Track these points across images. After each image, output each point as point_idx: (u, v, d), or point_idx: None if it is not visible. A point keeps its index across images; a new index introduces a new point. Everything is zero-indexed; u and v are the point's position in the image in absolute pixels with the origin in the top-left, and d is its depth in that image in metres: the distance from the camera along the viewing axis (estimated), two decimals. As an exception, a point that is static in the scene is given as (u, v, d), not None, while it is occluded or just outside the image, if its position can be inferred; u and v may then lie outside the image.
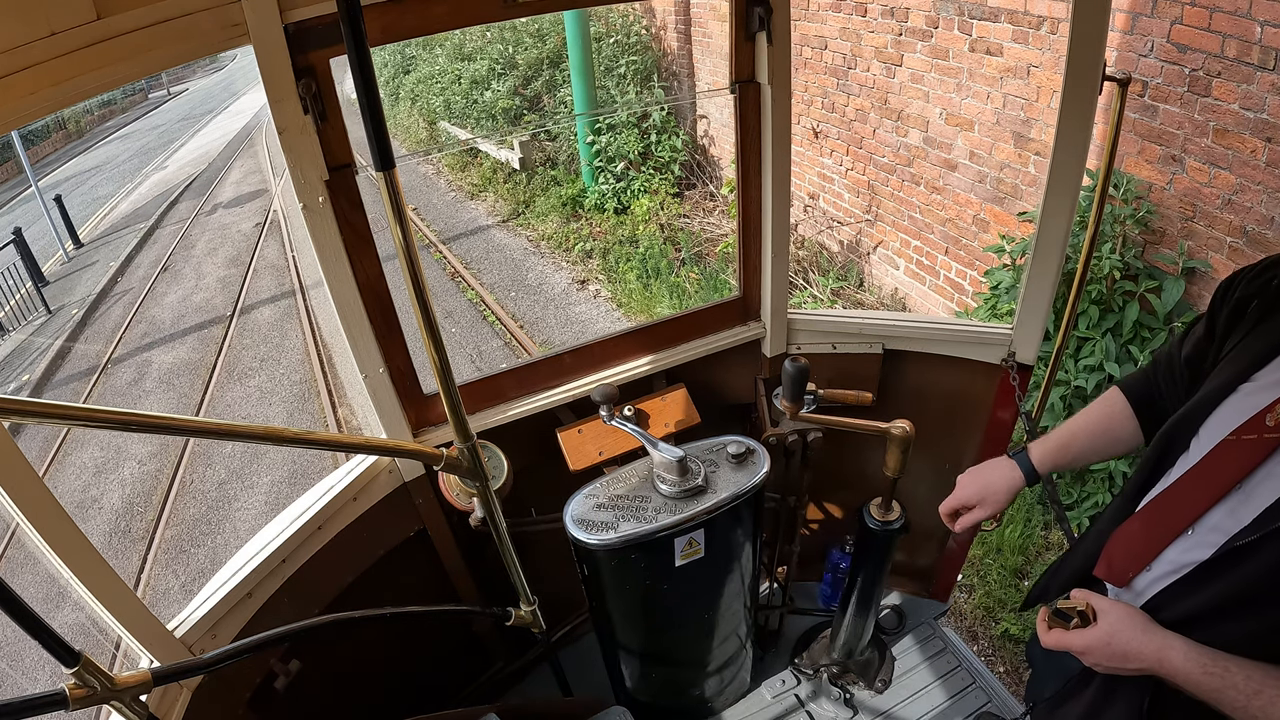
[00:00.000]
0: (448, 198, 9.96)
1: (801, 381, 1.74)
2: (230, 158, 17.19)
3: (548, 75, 9.25)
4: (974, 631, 3.15)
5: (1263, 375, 0.97)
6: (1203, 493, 0.99)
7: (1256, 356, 0.99)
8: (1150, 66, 3.22)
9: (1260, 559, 0.90)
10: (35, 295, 10.05)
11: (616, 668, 2.05)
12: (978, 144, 4.35)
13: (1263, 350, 0.99)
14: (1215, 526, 0.97)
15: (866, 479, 2.21)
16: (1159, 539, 1.04)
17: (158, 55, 1.15)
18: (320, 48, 1.33)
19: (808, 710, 2.27)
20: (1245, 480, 0.94)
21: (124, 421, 0.81)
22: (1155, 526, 1.06)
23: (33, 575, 4.73)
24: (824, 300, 5.74)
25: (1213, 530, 0.97)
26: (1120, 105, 1.51)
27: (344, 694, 1.90)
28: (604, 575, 1.74)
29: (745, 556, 1.86)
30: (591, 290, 6.82)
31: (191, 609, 1.46)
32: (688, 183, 7.84)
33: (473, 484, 1.23)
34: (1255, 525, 0.91)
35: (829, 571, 2.51)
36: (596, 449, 1.88)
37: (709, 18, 7.28)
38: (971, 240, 4.61)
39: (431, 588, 2.04)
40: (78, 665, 0.86)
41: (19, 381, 7.70)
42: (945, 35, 4.34)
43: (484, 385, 1.88)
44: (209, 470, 5.58)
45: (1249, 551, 0.91)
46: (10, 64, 0.98)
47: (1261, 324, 1.01)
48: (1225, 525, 0.95)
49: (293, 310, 8.06)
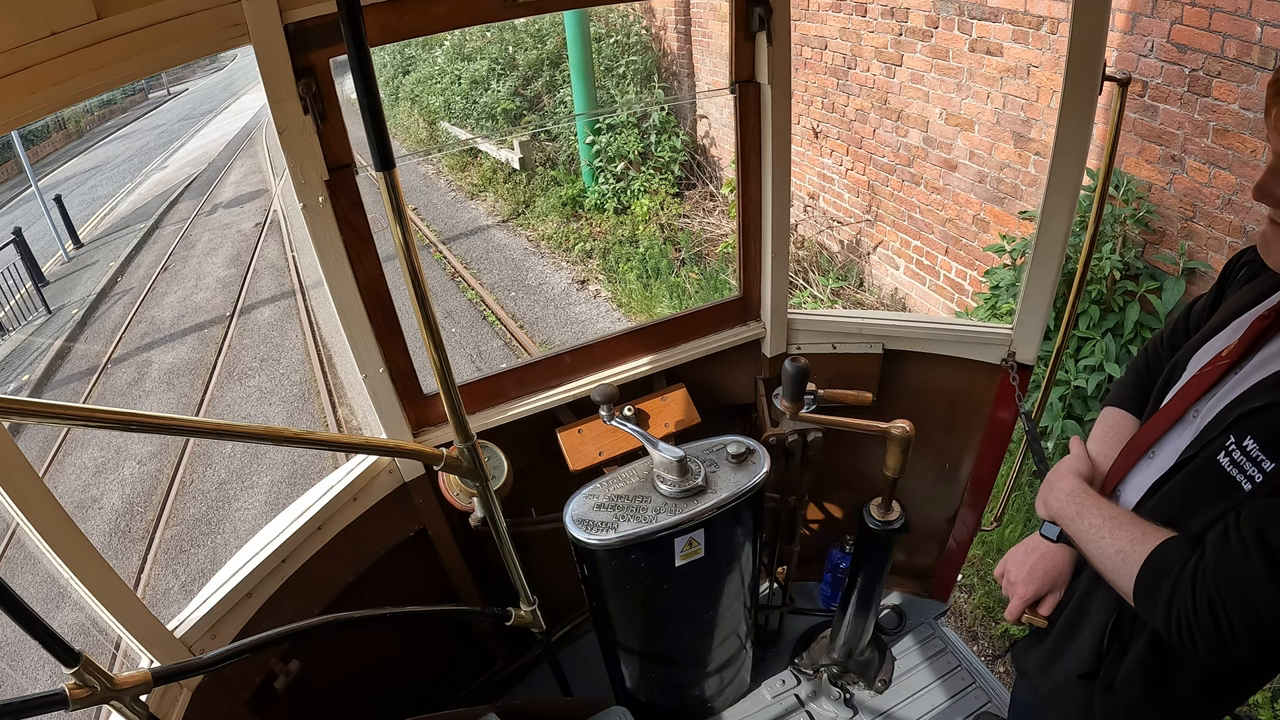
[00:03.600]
0: (448, 198, 9.96)
1: (801, 381, 1.74)
2: (230, 158, 17.19)
3: (548, 75, 9.25)
4: (974, 631, 3.15)
5: (1236, 324, 1.08)
6: (1164, 418, 1.10)
7: (1234, 309, 1.10)
8: (1150, 66, 3.22)
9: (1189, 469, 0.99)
10: (35, 295, 10.05)
11: (616, 668, 2.05)
12: (978, 144, 4.36)
13: (1240, 305, 1.09)
14: (1171, 447, 1.06)
15: (866, 479, 2.21)
16: (1126, 463, 1.14)
17: (158, 55, 1.15)
18: (320, 48, 1.33)
19: (808, 710, 2.27)
20: (1197, 402, 1.04)
21: (124, 421, 0.81)
22: (1127, 452, 1.16)
23: (33, 575, 4.73)
24: (824, 300, 5.74)
25: (1168, 452, 1.06)
26: (1120, 105, 1.51)
27: (344, 694, 1.90)
28: (604, 575, 1.74)
29: (745, 556, 1.86)
30: (591, 290, 6.82)
31: (191, 609, 1.46)
32: (688, 183, 7.84)
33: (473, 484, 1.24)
34: (1193, 444, 0.99)
35: (829, 571, 2.51)
36: (596, 449, 1.88)
37: (709, 18, 7.28)
38: (971, 240, 4.61)
39: (431, 588, 2.04)
40: (78, 665, 0.86)
41: (19, 381, 7.70)
42: (945, 35, 4.34)
43: (484, 385, 1.88)
44: (209, 470, 5.58)
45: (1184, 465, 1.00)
46: (10, 64, 0.98)
47: (1248, 284, 1.12)
48: (1177, 445, 1.04)
49: (293, 310, 8.06)
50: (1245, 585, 0.83)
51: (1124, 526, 1.00)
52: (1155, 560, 0.93)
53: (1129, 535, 0.98)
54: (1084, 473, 1.17)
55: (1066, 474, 1.16)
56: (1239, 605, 0.84)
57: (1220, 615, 0.85)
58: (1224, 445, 0.93)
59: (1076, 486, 1.12)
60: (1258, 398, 0.92)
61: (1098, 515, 1.04)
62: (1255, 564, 0.82)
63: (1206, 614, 0.86)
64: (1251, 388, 0.95)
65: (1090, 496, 1.10)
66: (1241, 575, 0.83)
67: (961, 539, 2.36)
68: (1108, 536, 1.01)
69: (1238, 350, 1.01)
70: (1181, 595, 0.88)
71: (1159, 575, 0.92)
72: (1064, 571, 1.23)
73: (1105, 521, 1.03)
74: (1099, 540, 1.02)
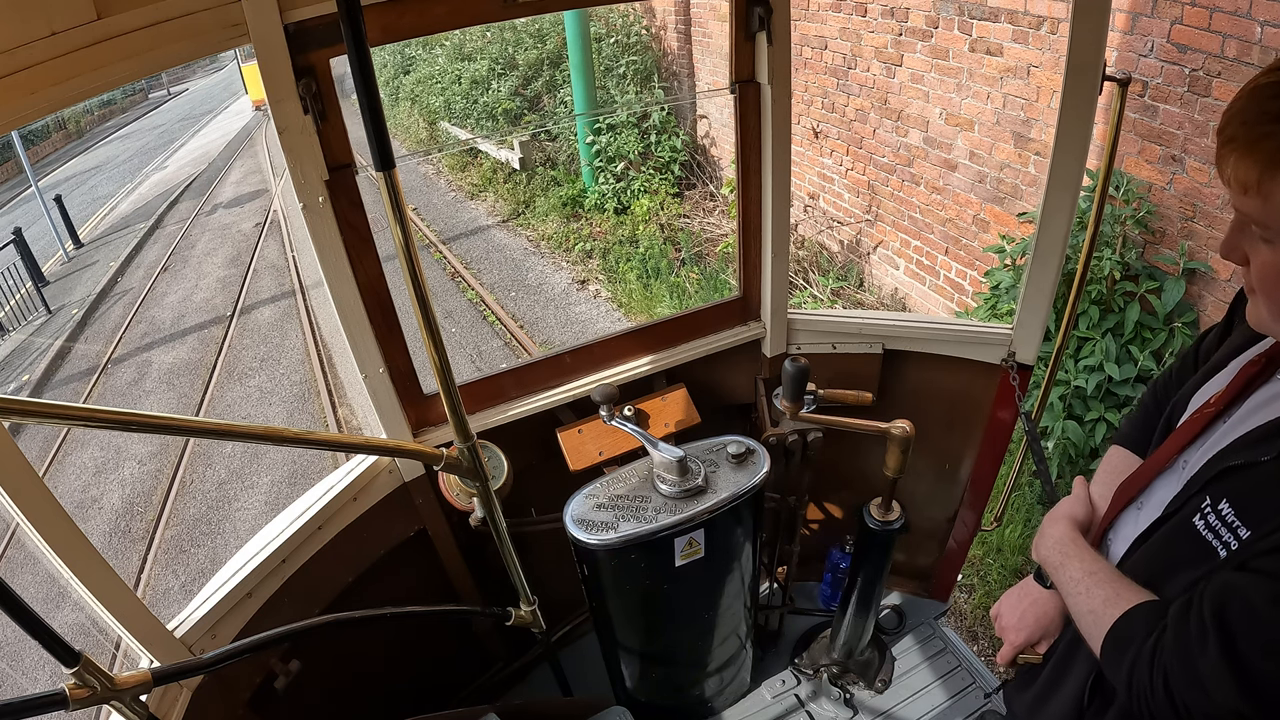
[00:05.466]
0: (448, 198, 9.96)
1: (801, 381, 1.74)
2: (230, 158, 17.19)
3: (548, 75, 9.25)
4: (974, 631, 3.15)
5: (1234, 363, 1.01)
6: (1152, 466, 1.05)
7: (1234, 348, 1.04)
8: (1150, 66, 3.22)
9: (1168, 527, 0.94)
10: (35, 295, 10.05)
11: (616, 668, 2.05)
12: (978, 144, 4.36)
13: (1241, 342, 1.03)
14: (1158, 499, 1.01)
15: (866, 479, 2.21)
16: (1114, 509, 1.10)
17: (158, 55, 1.15)
18: (320, 48, 1.33)
19: (808, 710, 2.27)
20: (1185, 450, 0.99)
21: (124, 421, 0.81)
22: (1117, 498, 1.11)
23: (33, 575, 4.73)
24: (824, 300, 5.74)
25: (1155, 503, 1.01)
26: (1120, 105, 1.51)
27: (344, 694, 1.90)
28: (604, 575, 1.74)
29: (745, 556, 1.86)
30: (591, 290, 6.82)
31: (191, 609, 1.46)
32: (688, 183, 7.84)
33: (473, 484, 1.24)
34: (1179, 497, 0.94)
35: (829, 571, 2.51)
36: (596, 449, 1.88)
37: (709, 18, 7.28)
38: (971, 240, 4.61)
39: (431, 588, 2.04)
40: (78, 665, 0.86)
41: (19, 381, 7.70)
42: (945, 35, 4.34)
43: (484, 385, 1.88)
44: (209, 470, 5.58)
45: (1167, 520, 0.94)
46: (10, 64, 0.98)
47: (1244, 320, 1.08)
48: (1164, 497, 0.99)
49: (293, 310, 8.06)
50: (1198, 667, 0.79)
51: (1100, 585, 0.96)
52: (1121, 628, 0.90)
53: (1103, 595, 0.95)
54: (1080, 516, 1.14)
55: (1060, 519, 1.13)
56: (1190, 685, 0.80)
57: (1175, 694, 0.81)
58: (1199, 507, 0.88)
59: (1065, 534, 1.09)
60: (1236, 455, 0.86)
61: (1079, 569, 1.01)
62: (1210, 647, 0.78)
63: (1162, 690, 0.82)
64: (1234, 441, 0.90)
65: (1076, 547, 1.06)
66: (1195, 656, 0.79)
67: (961, 539, 2.36)
68: (1083, 594, 0.98)
69: (1225, 397, 0.95)
70: (1140, 668, 0.85)
71: (1124, 644, 0.89)
72: (1056, 619, 1.20)
73: (1085, 576, 0.99)
74: (1077, 595, 0.99)
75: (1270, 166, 0.72)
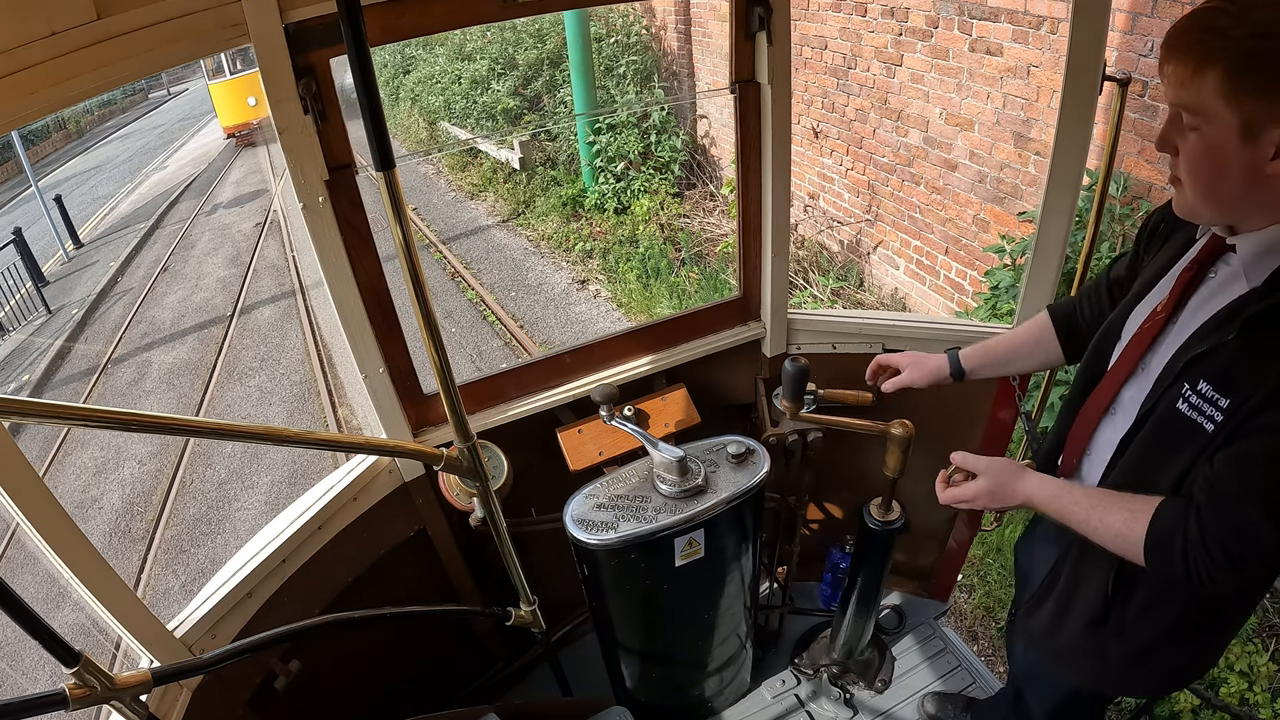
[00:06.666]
0: (448, 198, 9.96)
1: (801, 381, 1.74)
2: (230, 158, 17.18)
3: (548, 75, 9.24)
4: (974, 631, 3.15)
5: (1164, 281, 1.16)
6: (1115, 376, 1.18)
7: (1159, 268, 1.19)
8: (1150, 66, 3.22)
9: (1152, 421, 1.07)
10: (35, 295, 10.05)
11: (616, 668, 2.05)
12: (978, 144, 4.35)
13: (1163, 262, 1.18)
14: (1129, 401, 1.15)
15: (866, 479, 2.21)
16: (1089, 423, 1.23)
17: (158, 55, 1.15)
18: (320, 48, 1.33)
19: (808, 710, 2.27)
20: (1143, 358, 1.13)
21: (124, 421, 0.81)
22: (1087, 414, 1.24)
23: (33, 575, 4.73)
24: (824, 300, 5.74)
25: (1127, 405, 1.15)
26: (1120, 105, 1.52)
27: (344, 694, 1.90)
28: (604, 575, 1.74)
29: (745, 556, 1.86)
30: (591, 290, 6.82)
31: (191, 609, 1.46)
32: (688, 183, 7.84)
33: (473, 484, 1.24)
34: (1150, 396, 1.08)
35: (829, 571, 2.51)
36: (596, 449, 1.88)
37: (709, 18, 7.28)
38: (971, 240, 4.61)
39: (431, 588, 2.04)
40: (78, 665, 0.86)
41: (19, 381, 7.70)
42: (945, 35, 4.34)
43: (484, 385, 1.88)
44: (209, 470, 5.58)
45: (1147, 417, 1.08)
46: (10, 64, 0.98)
47: (1167, 242, 1.22)
48: (1135, 398, 1.12)
49: (293, 310, 8.06)
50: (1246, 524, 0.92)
51: (1112, 506, 1.07)
52: (1158, 530, 1.00)
53: (1120, 516, 1.05)
54: None
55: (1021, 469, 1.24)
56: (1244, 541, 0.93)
57: (1235, 557, 0.94)
58: (1180, 393, 1.01)
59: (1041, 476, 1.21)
60: (1199, 344, 1.00)
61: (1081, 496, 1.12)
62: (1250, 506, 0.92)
63: (1223, 559, 0.94)
64: (1191, 336, 1.04)
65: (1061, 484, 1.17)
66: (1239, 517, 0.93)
67: (961, 539, 2.36)
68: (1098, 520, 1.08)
69: (1170, 304, 1.10)
70: (1194, 551, 0.96)
71: (1167, 539, 0.99)
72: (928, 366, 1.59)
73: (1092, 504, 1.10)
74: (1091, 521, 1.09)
75: (1201, 64, 0.88)
